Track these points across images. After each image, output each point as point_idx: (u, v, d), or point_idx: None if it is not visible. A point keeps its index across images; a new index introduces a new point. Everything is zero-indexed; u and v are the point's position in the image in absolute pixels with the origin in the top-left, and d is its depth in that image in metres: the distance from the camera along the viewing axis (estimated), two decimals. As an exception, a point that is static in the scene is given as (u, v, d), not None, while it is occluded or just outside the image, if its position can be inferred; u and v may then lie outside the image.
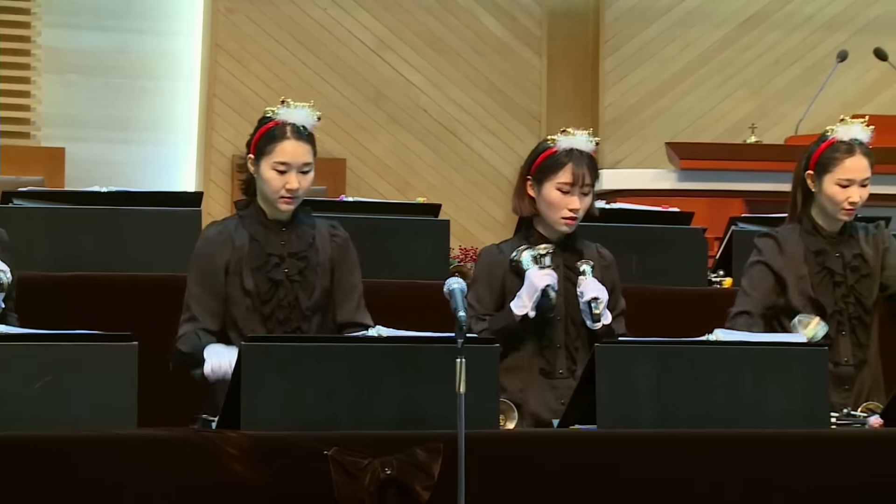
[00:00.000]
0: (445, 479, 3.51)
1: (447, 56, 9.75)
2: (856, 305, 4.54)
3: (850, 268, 4.56)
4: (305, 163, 4.22)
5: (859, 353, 4.54)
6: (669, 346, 3.93)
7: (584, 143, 4.37)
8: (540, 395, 4.29)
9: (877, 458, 3.87)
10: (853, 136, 4.56)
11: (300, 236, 4.27)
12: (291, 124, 4.23)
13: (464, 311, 3.61)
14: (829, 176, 4.53)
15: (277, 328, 4.18)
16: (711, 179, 7.21)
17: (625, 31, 9.96)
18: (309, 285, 4.22)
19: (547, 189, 4.35)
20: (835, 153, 4.54)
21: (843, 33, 9.98)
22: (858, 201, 4.53)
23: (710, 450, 3.77)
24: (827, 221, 4.60)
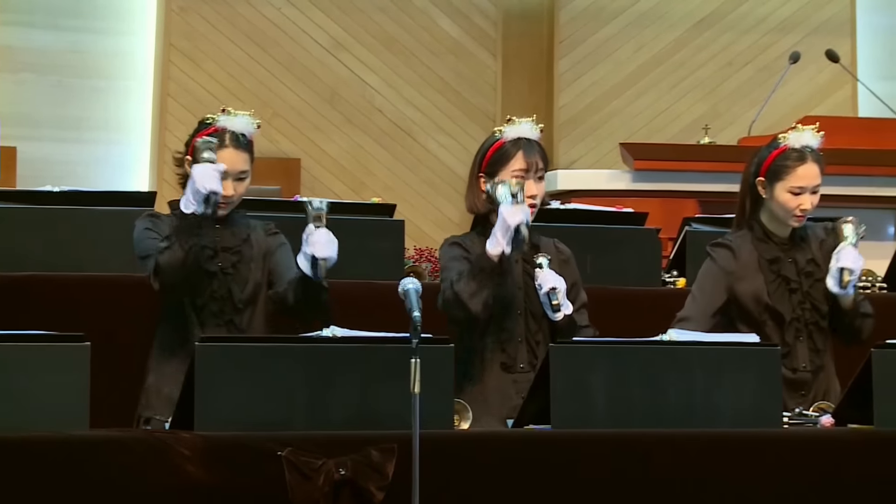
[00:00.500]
0: (400, 479, 3.51)
1: (402, 56, 9.75)
2: (812, 311, 4.56)
3: (804, 273, 4.57)
4: (241, 171, 4.30)
5: (816, 359, 4.56)
6: (623, 346, 3.94)
7: (530, 131, 4.38)
8: (501, 388, 4.29)
9: (828, 458, 3.90)
10: (804, 142, 4.57)
11: (234, 233, 4.34)
12: (231, 132, 4.24)
13: (418, 311, 3.61)
14: (781, 183, 4.55)
15: (210, 320, 4.23)
16: (665, 180, 7.24)
17: (579, 32, 9.99)
18: (242, 278, 4.29)
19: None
20: (786, 161, 4.55)
21: (795, 35, 10.04)
22: (810, 208, 4.55)
23: (663, 449, 3.79)
24: (777, 227, 4.61)
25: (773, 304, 4.53)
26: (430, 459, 3.50)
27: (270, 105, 9.53)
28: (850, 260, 4.44)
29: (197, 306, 4.23)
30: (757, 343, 4.10)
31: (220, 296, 4.26)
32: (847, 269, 4.43)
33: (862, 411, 4.02)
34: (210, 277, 4.26)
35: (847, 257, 4.45)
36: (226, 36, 9.47)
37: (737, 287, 4.56)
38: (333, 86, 9.64)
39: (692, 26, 10.08)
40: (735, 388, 3.94)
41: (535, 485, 3.68)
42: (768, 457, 3.85)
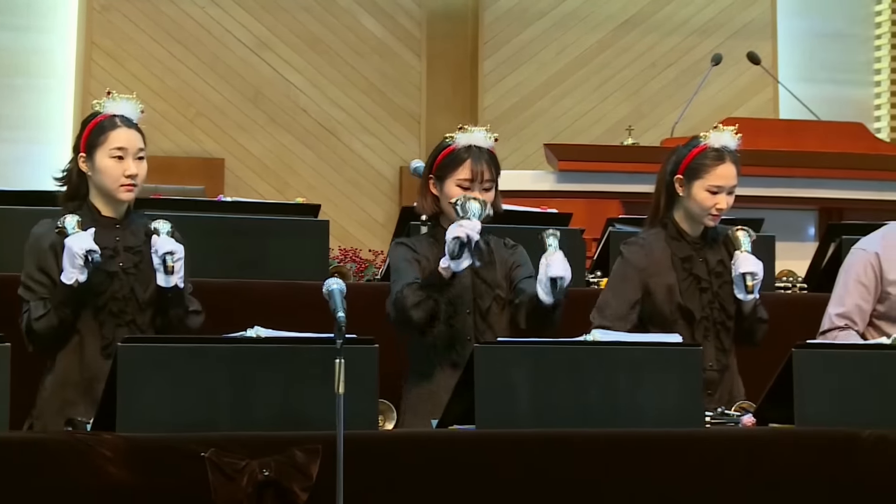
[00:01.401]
0: (324, 480, 3.50)
1: (327, 56, 9.73)
2: (720, 311, 4.60)
3: (714, 273, 4.61)
4: (140, 148, 4.28)
5: (723, 359, 4.60)
6: (547, 346, 3.96)
7: (482, 140, 4.41)
8: (451, 387, 4.29)
9: (750, 457, 3.93)
10: (724, 143, 4.61)
11: (135, 233, 4.30)
12: (120, 115, 4.24)
13: (343, 311, 3.60)
14: (700, 182, 4.58)
15: (110, 319, 4.18)
16: (589, 181, 7.27)
17: (504, 33, 10.02)
18: (144, 278, 4.24)
19: (448, 186, 4.38)
20: (705, 159, 4.59)
21: (717, 37, 10.13)
22: (725, 208, 4.59)
23: (586, 449, 3.80)
24: (691, 226, 4.65)
25: (683, 302, 4.57)
26: (354, 460, 3.50)
27: (194, 104, 9.48)
28: (750, 265, 4.50)
29: (97, 307, 4.17)
30: (679, 343, 4.12)
31: (121, 296, 4.20)
32: (749, 273, 4.49)
33: (782, 411, 4.06)
34: (111, 277, 4.20)
35: (746, 263, 4.51)
36: (149, 35, 9.40)
37: (650, 284, 4.59)
38: (257, 85, 9.60)
39: (616, 28, 10.14)
40: (658, 387, 3.96)
41: (458, 485, 3.69)
42: (691, 456, 3.87)
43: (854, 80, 10.52)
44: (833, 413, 4.04)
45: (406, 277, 4.32)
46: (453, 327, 4.36)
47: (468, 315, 4.38)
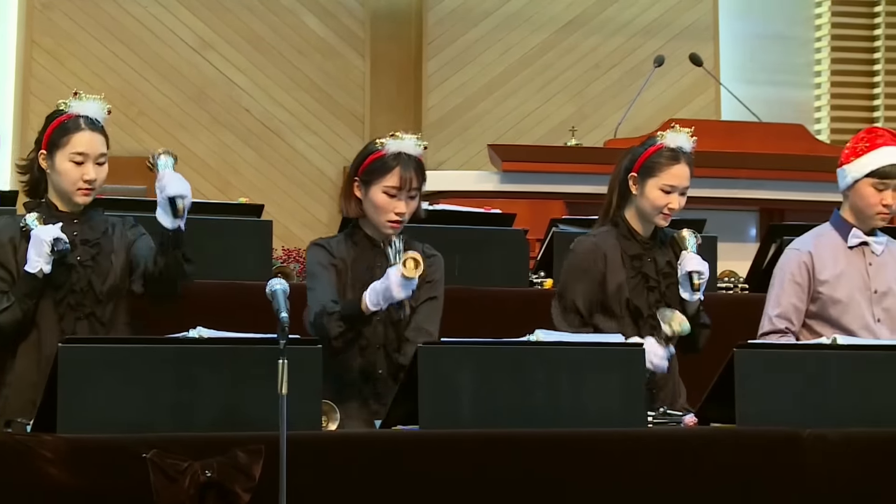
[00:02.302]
0: (267, 480, 3.48)
1: (270, 56, 9.70)
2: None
3: (662, 273, 4.64)
4: (101, 153, 4.27)
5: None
6: (491, 346, 3.96)
7: (411, 147, 4.38)
8: (360, 394, 4.29)
9: (692, 456, 3.95)
10: (679, 144, 4.64)
11: (93, 227, 4.30)
12: (84, 116, 4.22)
13: (286, 312, 3.59)
14: (654, 180, 4.60)
15: (69, 313, 4.18)
16: (533, 181, 7.29)
17: (447, 34, 10.02)
18: (103, 270, 4.24)
19: (374, 192, 4.34)
20: (661, 158, 4.61)
21: (660, 39, 10.18)
22: (677, 208, 4.61)
23: (530, 449, 3.81)
24: (642, 225, 4.67)
25: (631, 299, 4.59)
26: (297, 460, 3.49)
27: (136, 104, 9.42)
28: (696, 264, 4.53)
29: (55, 300, 4.17)
30: (622, 343, 4.14)
31: (79, 288, 4.20)
32: (696, 272, 4.51)
33: (724, 410, 4.09)
34: (68, 270, 4.20)
35: (692, 262, 4.54)
36: (90, 34, 9.34)
37: (600, 279, 4.61)
38: (200, 85, 9.56)
39: (559, 29, 10.17)
40: (600, 387, 3.98)
41: (402, 485, 3.69)
42: (633, 456, 3.89)
43: (794, 81, 10.60)
44: (774, 413, 4.07)
45: (322, 289, 4.27)
46: (363, 335, 4.27)
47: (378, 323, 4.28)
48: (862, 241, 4.81)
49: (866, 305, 4.76)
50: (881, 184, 4.74)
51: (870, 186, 4.75)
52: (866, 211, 4.78)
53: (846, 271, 4.78)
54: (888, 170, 4.72)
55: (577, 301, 4.59)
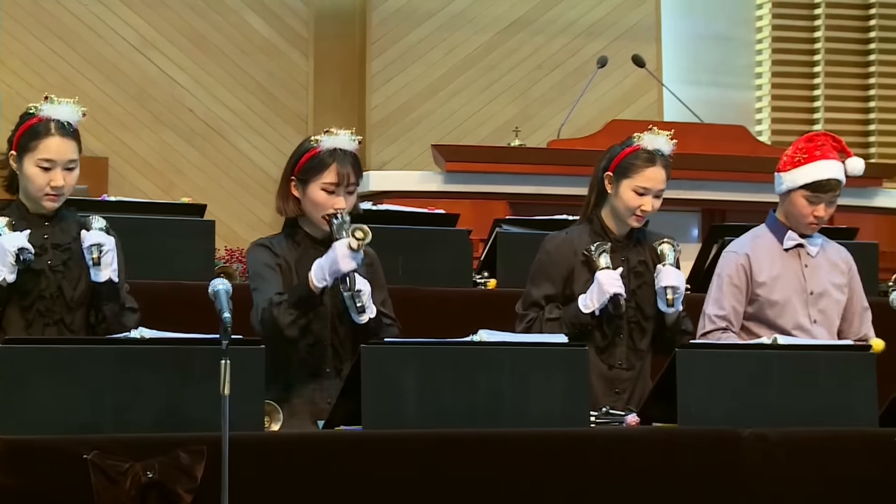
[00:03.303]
0: (209, 481, 3.47)
1: (212, 55, 9.65)
2: (636, 310, 4.63)
3: (633, 273, 4.65)
4: (70, 160, 4.17)
5: (634, 358, 4.64)
6: (434, 346, 3.96)
7: (347, 143, 4.37)
8: (308, 393, 4.27)
9: (634, 456, 3.97)
10: (657, 146, 4.65)
11: (64, 230, 4.21)
12: (56, 120, 4.15)
13: (229, 312, 3.58)
14: (628, 181, 4.61)
15: (38, 319, 4.11)
16: (476, 181, 7.30)
17: (391, 34, 10.01)
18: (73, 276, 4.17)
19: (312, 189, 4.33)
20: (636, 160, 4.62)
21: (603, 40, 10.21)
22: (650, 210, 4.62)
23: (472, 449, 3.81)
24: (616, 225, 4.68)
25: None
26: (239, 461, 3.48)
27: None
28: (672, 278, 4.55)
29: (23, 307, 4.08)
30: (565, 343, 4.15)
31: (49, 294, 4.12)
32: (671, 287, 4.53)
33: (666, 410, 4.11)
34: (38, 275, 4.11)
35: (668, 276, 4.56)
36: (30, 32, 9.26)
37: (570, 276, 4.62)
38: (142, 84, 9.50)
39: (503, 29, 10.19)
40: (544, 387, 3.99)
41: (346, 486, 3.68)
42: (575, 455, 3.90)
43: (736, 82, 10.67)
44: (715, 412, 4.10)
45: (269, 287, 4.26)
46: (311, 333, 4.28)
47: (326, 321, 4.31)
48: (797, 243, 4.85)
49: (802, 307, 4.79)
50: (815, 197, 4.77)
51: (803, 198, 4.78)
52: (798, 220, 4.82)
53: (782, 273, 4.81)
54: (822, 184, 4.75)
55: (539, 296, 4.61)
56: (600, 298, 4.50)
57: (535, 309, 4.61)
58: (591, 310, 4.51)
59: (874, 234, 7.21)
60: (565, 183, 6.99)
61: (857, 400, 4.21)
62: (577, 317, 4.53)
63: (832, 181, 4.74)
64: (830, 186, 4.74)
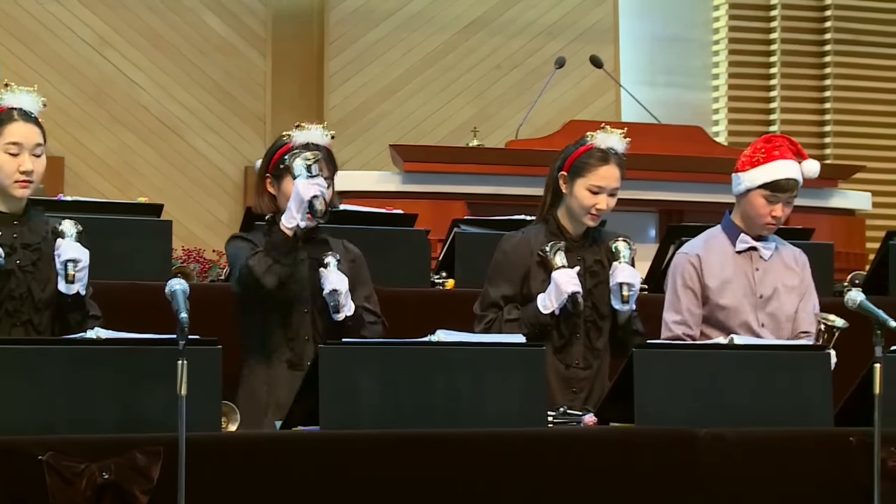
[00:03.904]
0: (165, 482, 3.46)
1: (170, 54, 9.61)
2: (592, 310, 4.65)
3: (589, 272, 4.66)
4: (37, 143, 4.18)
5: (591, 357, 4.65)
6: (392, 346, 3.96)
7: (319, 137, 4.40)
8: (289, 385, 4.27)
9: (591, 456, 3.98)
10: (610, 145, 4.67)
11: (33, 229, 4.20)
12: (18, 108, 4.13)
13: (185, 312, 3.57)
14: (582, 180, 4.63)
15: (5, 319, 4.09)
16: (435, 182, 7.29)
17: (349, 34, 10.00)
18: (43, 277, 4.15)
19: (285, 184, 4.36)
20: (590, 159, 4.64)
21: (561, 40, 10.23)
22: (605, 209, 4.63)
23: (430, 449, 3.81)
24: (572, 224, 4.69)
25: None
26: (196, 462, 3.47)
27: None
28: (627, 275, 4.57)
29: None
30: (523, 343, 4.16)
31: (18, 294, 4.10)
32: (626, 283, 4.55)
33: (623, 410, 4.12)
34: (6, 276, 4.08)
35: (623, 273, 4.57)
36: (-14, 30, 9.21)
37: (526, 276, 4.63)
38: (99, 83, 9.45)
39: (461, 30, 10.19)
40: (501, 387, 3.99)
41: (302, 486, 3.67)
42: (532, 456, 3.91)
43: (693, 84, 10.71)
44: (672, 413, 4.11)
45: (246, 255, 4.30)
46: (291, 326, 4.35)
47: (306, 314, 4.37)
48: (750, 245, 4.86)
49: (751, 310, 4.81)
50: (773, 196, 4.79)
51: (761, 197, 4.80)
52: (756, 220, 4.83)
53: (733, 276, 4.82)
54: (781, 184, 4.77)
55: (497, 296, 4.61)
56: (559, 298, 4.51)
57: (494, 310, 4.61)
58: (551, 310, 4.52)
59: (829, 234, 7.25)
60: (523, 183, 7.00)
61: (812, 399, 4.24)
62: (536, 317, 4.54)
63: (791, 181, 4.77)
64: (789, 186, 4.77)
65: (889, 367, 4.02)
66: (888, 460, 4.04)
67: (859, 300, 4.25)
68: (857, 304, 4.25)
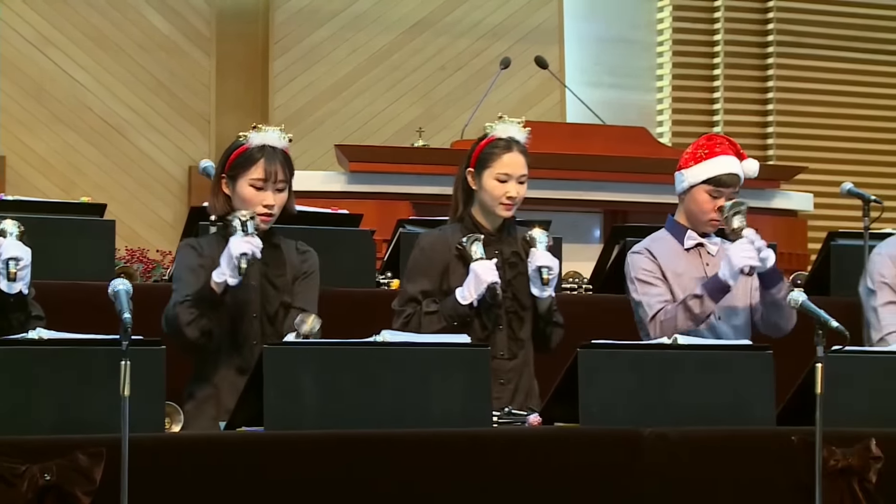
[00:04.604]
0: (108, 483, 3.44)
1: (112, 53, 9.55)
2: (512, 300, 4.67)
3: (508, 264, 4.69)
4: None
5: (515, 347, 4.68)
6: (337, 347, 3.95)
7: (276, 140, 4.40)
8: (238, 391, 4.25)
9: (535, 455, 3.99)
10: (510, 134, 4.72)
11: None
12: None
13: (129, 313, 3.55)
14: (489, 171, 4.68)
15: None
16: (380, 182, 7.29)
17: (295, 33, 9.98)
18: None
19: (241, 186, 4.36)
20: (494, 149, 4.69)
21: (506, 41, 10.25)
22: (516, 196, 4.67)
23: (375, 450, 3.81)
24: (487, 219, 4.72)
25: None
26: (139, 463, 3.44)
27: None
28: (546, 259, 4.60)
29: None
30: (467, 343, 4.16)
31: None
32: (544, 267, 4.58)
33: (568, 409, 4.13)
34: None
35: (541, 258, 4.61)
36: (-76, 28, 9.12)
37: (444, 271, 4.64)
38: (40, 81, 9.38)
39: (407, 30, 10.19)
40: (446, 387, 3.99)
41: (247, 487, 3.66)
42: (477, 456, 3.91)
43: (637, 85, 10.77)
44: (617, 412, 4.12)
45: (183, 290, 4.27)
46: (239, 331, 4.33)
47: (254, 319, 4.35)
48: (697, 242, 4.91)
49: None
50: (716, 191, 4.85)
51: (705, 193, 4.86)
52: (700, 217, 4.88)
53: (685, 271, 4.87)
54: (724, 178, 4.84)
55: (415, 291, 4.63)
56: (478, 288, 4.53)
57: (413, 304, 4.63)
58: (470, 301, 4.54)
59: (772, 235, 7.29)
60: (468, 184, 7.00)
61: (755, 399, 4.26)
62: (454, 309, 4.55)
63: (733, 175, 4.85)
64: (731, 181, 4.84)
65: (830, 366, 4.05)
66: (829, 459, 4.07)
67: (801, 300, 4.29)
68: (799, 304, 4.29)
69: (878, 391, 4.35)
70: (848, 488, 4.10)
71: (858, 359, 4.37)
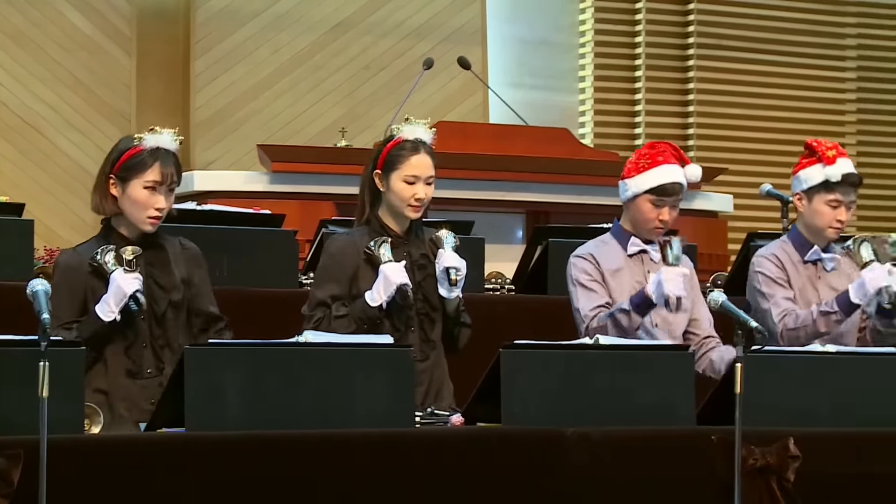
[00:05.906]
0: (26, 486, 3.40)
1: (30, 51, 9.45)
2: (423, 302, 4.68)
3: (417, 266, 4.69)
4: None
5: (427, 349, 4.68)
6: (259, 347, 3.94)
7: (169, 143, 4.35)
8: (129, 395, 4.22)
9: (458, 456, 3.99)
10: (417, 135, 4.72)
11: None
12: None
13: (48, 313, 3.51)
14: (396, 173, 4.67)
15: None
16: (303, 182, 7.27)
17: (216, 33, 9.93)
18: None
19: (133, 188, 4.30)
20: (401, 151, 4.69)
21: (429, 41, 10.26)
22: (424, 197, 4.67)
23: (297, 450, 3.80)
24: (395, 221, 4.72)
25: None
26: (58, 465, 3.41)
27: None
28: (454, 260, 4.61)
29: None
30: (390, 344, 4.16)
31: None
32: (452, 268, 4.59)
33: (490, 409, 4.14)
34: None
35: (449, 258, 4.63)
36: None
37: (353, 276, 4.63)
38: (-46, 79, 9.27)
39: (329, 30, 10.17)
40: (369, 388, 3.99)
41: (168, 488, 3.64)
42: (399, 456, 3.91)
43: (560, 86, 10.81)
44: (539, 412, 4.14)
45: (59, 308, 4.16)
46: (127, 335, 4.27)
47: (142, 321, 4.29)
48: (641, 248, 4.94)
49: None
50: (659, 200, 4.88)
51: (648, 202, 4.88)
52: (644, 225, 4.91)
53: (626, 278, 4.88)
54: (666, 188, 4.86)
55: (325, 296, 4.62)
56: (387, 290, 4.53)
57: (322, 308, 4.62)
58: (379, 303, 4.54)
59: (693, 236, 7.35)
60: (391, 184, 6.99)
61: (676, 399, 4.30)
62: (364, 311, 4.55)
63: (675, 184, 4.87)
64: (674, 190, 4.87)
65: (749, 366, 4.09)
66: (748, 458, 4.11)
67: (721, 300, 4.32)
68: (719, 304, 4.32)
69: (796, 390, 4.40)
70: (766, 487, 4.14)
71: (777, 358, 4.42)
